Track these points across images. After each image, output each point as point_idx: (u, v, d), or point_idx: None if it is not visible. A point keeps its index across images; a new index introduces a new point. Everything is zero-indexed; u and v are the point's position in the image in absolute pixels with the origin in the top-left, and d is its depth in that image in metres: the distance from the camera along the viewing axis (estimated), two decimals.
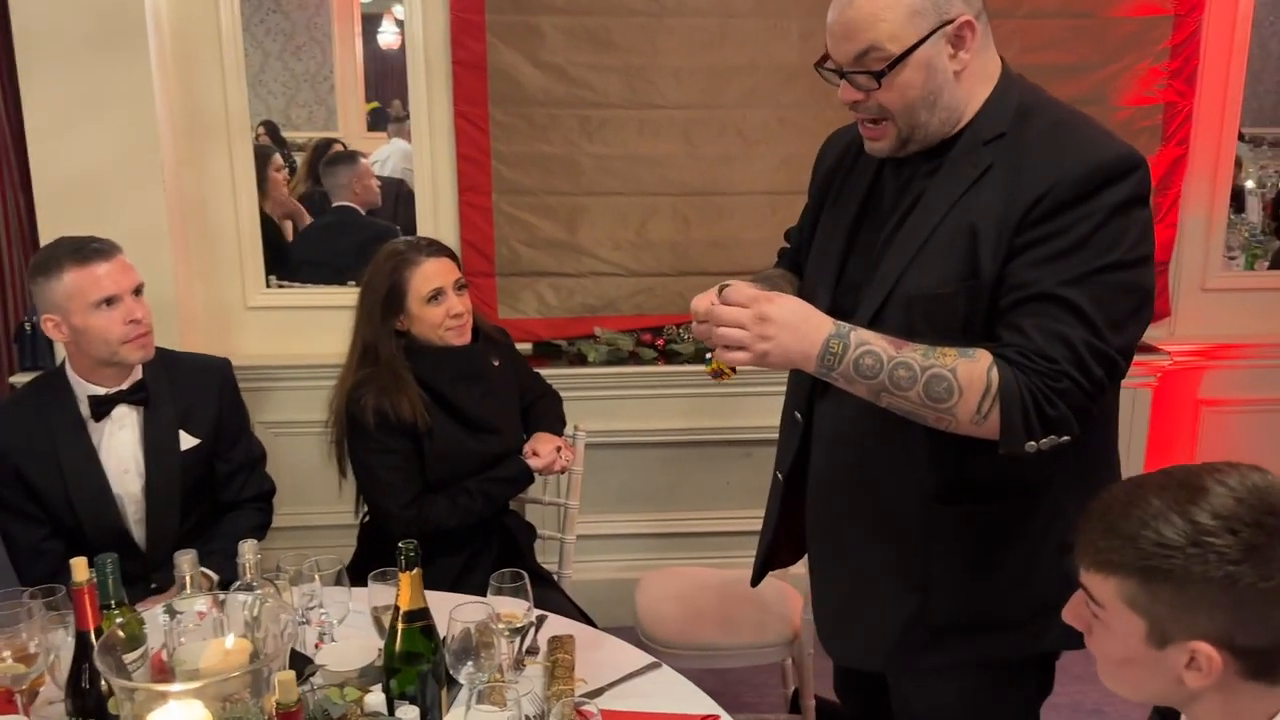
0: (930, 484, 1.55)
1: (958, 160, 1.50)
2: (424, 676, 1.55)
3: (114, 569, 1.54)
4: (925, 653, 1.63)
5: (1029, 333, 1.39)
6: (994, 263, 1.44)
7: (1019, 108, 1.50)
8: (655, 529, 3.36)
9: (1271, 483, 1.08)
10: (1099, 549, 1.12)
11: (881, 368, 1.41)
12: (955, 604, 1.59)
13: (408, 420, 2.23)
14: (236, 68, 3.06)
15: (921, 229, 1.50)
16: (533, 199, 3.19)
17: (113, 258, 2.16)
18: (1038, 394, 1.37)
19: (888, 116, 1.50)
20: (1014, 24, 3.15)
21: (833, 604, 1.70)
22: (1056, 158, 1.42)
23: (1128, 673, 1.15)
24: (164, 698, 1.25)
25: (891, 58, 1.44)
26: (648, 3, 3.08)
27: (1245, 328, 3.48)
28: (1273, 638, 1.06)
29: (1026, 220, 1.41)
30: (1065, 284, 1.39)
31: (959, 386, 1.39)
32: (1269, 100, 4.36)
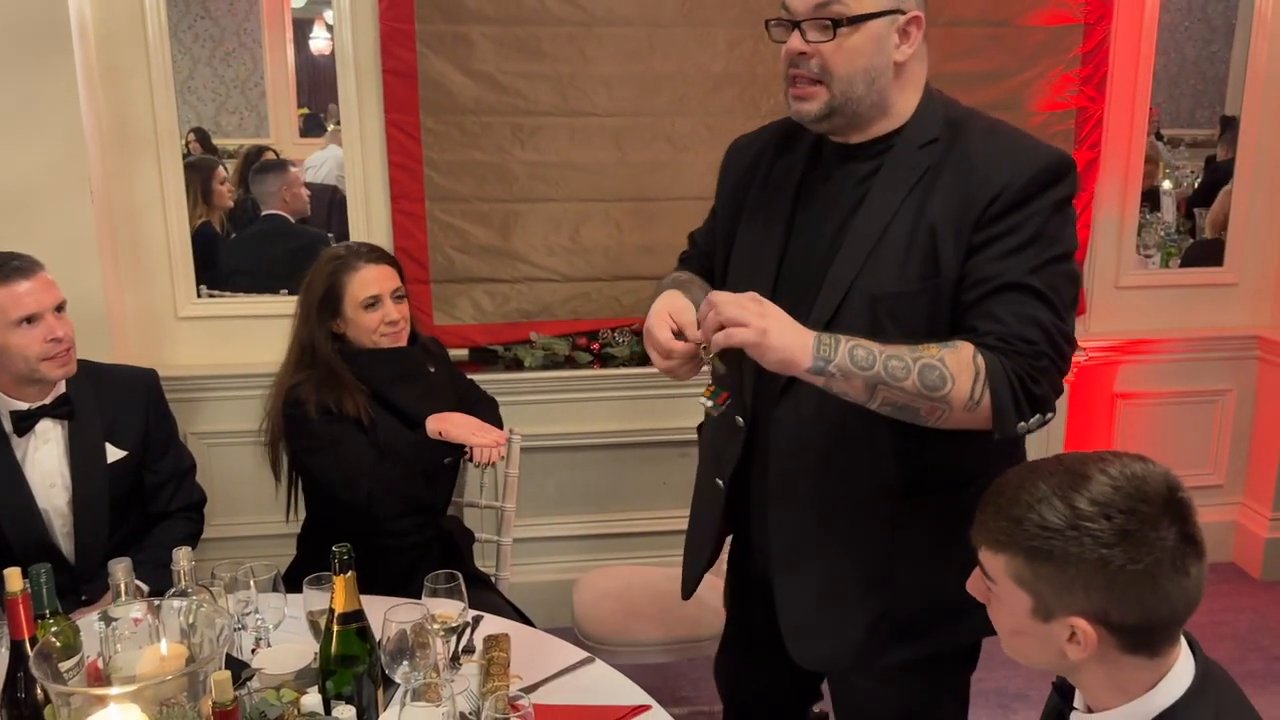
0: (893, 480, 1.60)
1: (897, 163, 1.57)
2: (360, 677, 1.58)
3: (48, 579, 1.55)
4: (890, 649, 1.67)
5: (1004, 319, 1.47)
6: (955, 260, 1.51)
7: (946, 117, 1.59)
8: (593, 530, 3.41)
9: (1150, 472, 1.16)
10: (990, 528, 1.21)
11: (875, 360, 1.44)
12: (917, 598, 1.64)
13: (351, 414, 2.25)
14: (164, 77, 3.05)
15: (872, 229, 1.55)
16: (466, 206, 3.22)
17: (34, 275, 2.13)
18: (1022, 375, 1.45)
19: (825, 80, 1.54)
20: (934, 32, 3.17)
21: (799, 610, 1.70)
22: (1004, 160, 1.52)
23: (1019, 643, 1.24)
24: (102, 702, 1.26)
25: (851, 14, 1.50)
26: (576, 12, 3.12)
27: (1158, 323, 3.62)
28: (1144, 615, 1.14)
29: (984, 218, 1.50)
30: (1030, 273, 1.48)
31: (950, 374, 1.44)
32: (1185, 103, 4.52)
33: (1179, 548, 1.13)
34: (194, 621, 1.52)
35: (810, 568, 1.67)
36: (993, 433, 1.49)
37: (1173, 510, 1.14)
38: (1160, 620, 1.15)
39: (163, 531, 2.33)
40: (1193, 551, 1.14)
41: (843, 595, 1.67)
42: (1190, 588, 1.15)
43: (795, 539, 1.68)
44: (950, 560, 1.53)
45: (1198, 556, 1.15)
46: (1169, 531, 1.13)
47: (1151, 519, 1.13)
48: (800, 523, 1.67)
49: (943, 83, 3.40)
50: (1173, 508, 1.14)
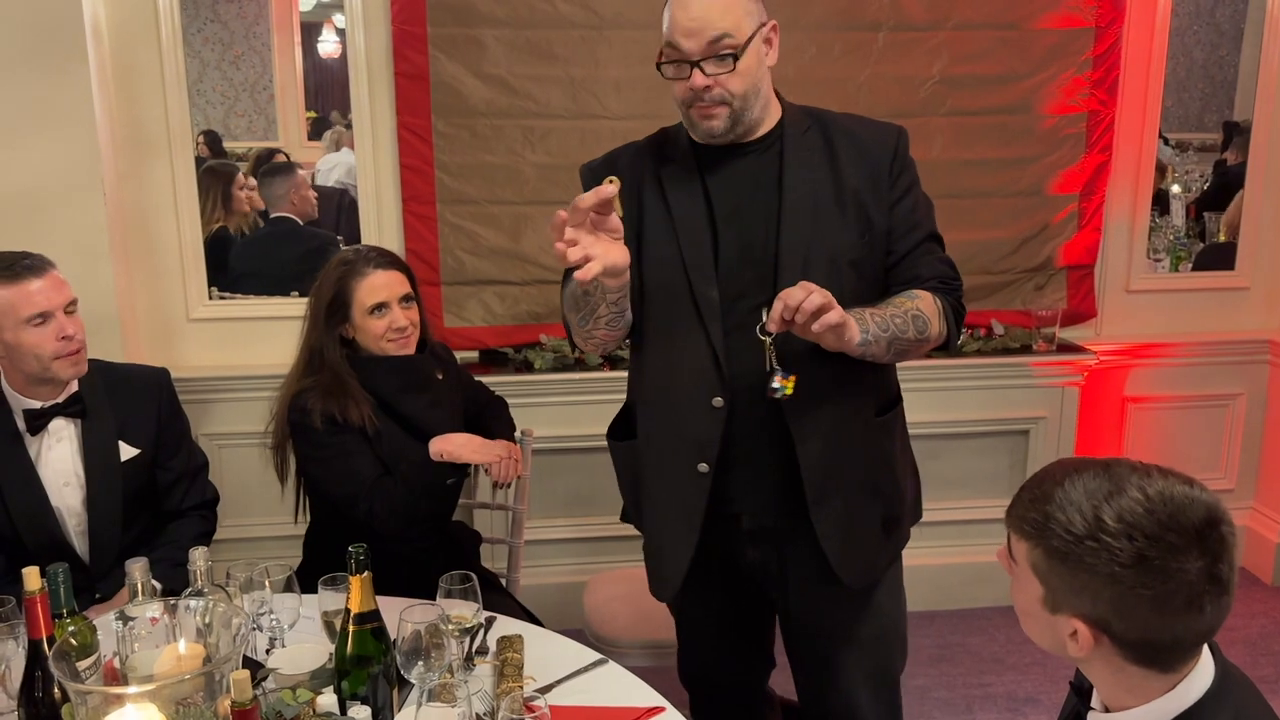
0: (871, 406, 1.91)
1: (795, 145, 1.83)
2: (375, 677, 1.59)
3: (65, 578, 1.56)
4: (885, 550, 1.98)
5: (935, 266, 1.86)
6: (879, 214, 1.83)
7: (804, 110, 1.88)
8: (603, 533, 3.40)
9: (1193, 499, 1.12)
10: (1020, 516, 1.21)
11: (887, 323, 1.75)
12: (896, 497, 1.97)
13: (355, 423, 2.24)
14: (177, 78, 3.07)
15: (804, 201, 1.80)
16: (477, 208, 3.23)
17: (45, 274, 2.14)
18: (955, 304, 1.87)
19: (727, 100, 1.74)
20: (943, 35, 3.25)
21: (838, 535, 1.88)
22: (877, 131, 1.87)
23: (1030, 623, 1.25)
24: (119, 701, 1.27)
25: (739, 45, 1.71)
26: (587, 15, 3.13)
27: (1168, 327, 3.62)
28: (1145, 635, 1.14)
29: (891, 176, 1.84)
30: (934, 223, 1.90)
31: (928, 318, 1.80)
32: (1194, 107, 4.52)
33: (1198, 584, 1.10)
34: (210, 621, 1.52)
35: (837, 494, 1.87)
36: (946, 347, 1.92)
37: (1204, 544, 1.10)
38: (1162, 642, 1.14)
39: (176, 530, 2.33)
40: (1214, 590, 1.11)
41: (863, 510, 1.91)
42: (1202, 622, 1.13)
43: (823, 471, 1.85)
44: (902, 461, 2.00)
45: (1218, 595, 1.12)
46: (1193, 565, 1.10)
47: (1176, 549, 1.10)
48: (822, 459, 1.85)
49: (953, 86, 3.43)
50: (1205, 542, 1.10)
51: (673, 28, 1.72)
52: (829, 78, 3.19)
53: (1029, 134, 3.37)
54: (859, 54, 3.22)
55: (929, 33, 3.24)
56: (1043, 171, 3.41)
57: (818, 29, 3.18)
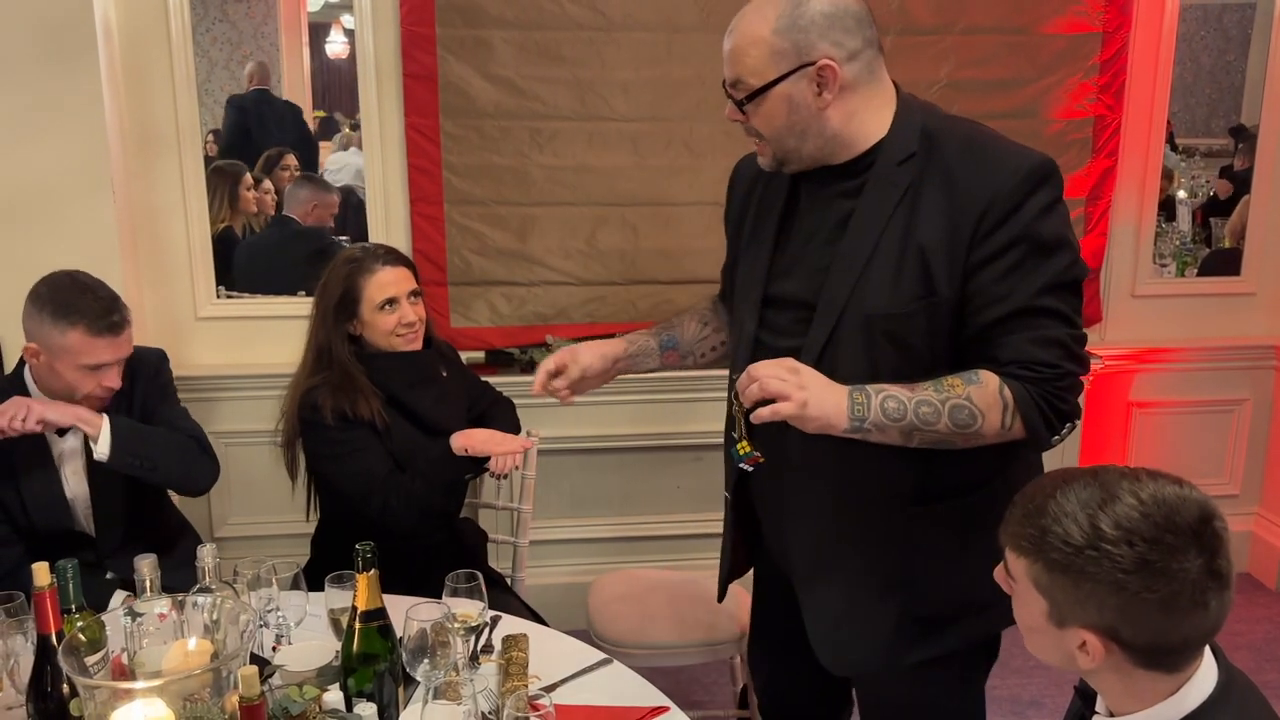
0: (905, 488, 1.64)
1: (878, 181, 1.59)
2: (381, 675, 1.59)
3: (74, 574, 1.56)
4: (914, 648, 1.71)
5: (1023, 347, 1.52)
6: (950, 280, 1.53)
7: (923, 130, 1.59)
8: (608, 533, 3.42)
9: (1184, 499, 1.14)
10: (1015, 533, 1.21)
11: (905, 409, 1.50)
12: (939, 596, 1.68)
13: (365, 418, 2.25)
14: (187, 78, 3.08)
15: (861, 250, 1.58)
16: (484, 209, 3.24)
17: (122, 332, 2.19)
18: (1050, 396, 1.52)
19: (761, 138, 1.64)
20: (950, 40, 3.25)
21: (825, 618, 1.75)
22: (986, 172, 1.52)
23: (1037, 640, 1.25)
24: (128, 696, 1.28)
25: (752, 90, 1.57)
26: (595, 17, 3.14)
27: (1174, 332, 3.62)
28: (1154, 639, 1.14)
29: (977, 235, 1.51)
30: (1038, 293, 1.51)
31: (979, 411, 1.50)
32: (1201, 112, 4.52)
33: (1200, 581, 1.11)
34: (218, 618, 1.53)
35: (832, 577, 1.72)
36: (1028, 449, 1.58)
37: (1201, 542, 1.12)
38: (1171, 644, 1.15)
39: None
40: (1216, 585, 1.13)
41: (865, 601, 1.70)
42: (1208, 619, 1.14)
43: (814, 551, 1.72)
44: (966, 559, 1.59)
45: (1220, 589, 1.13)
46: (1193, 564, 1.11)
47: (1175, 550, 1.11)
48: (818, 534, 1.71)
49: (960, 90, 3.43)
50: (1202, 539, 1.12)
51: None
52: None
53: (1035, 138, 3.36)
54: None
55: (936, 37, 3.25)
56: None
57: None
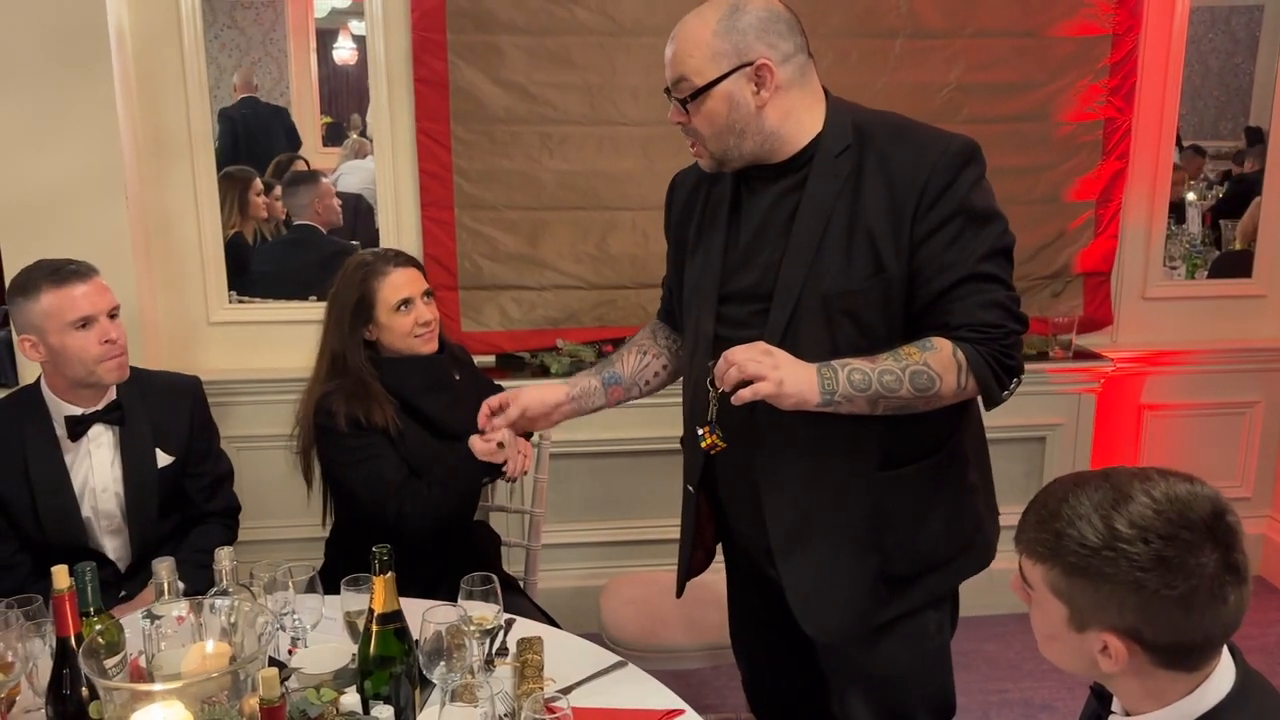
0: (873, 458, 1.74)
1: (820, 172, 1.69)
2: (397, 678, 1.60)
3: (93, 577, 1.57)
4: (885, 606, 1.81)
5: (970, 310, 1.64)
6: (897, 256, 1.65)
7: (854, 125, 1.71)
8: (619, 537, 3.42)
9: (1196, 495, 1.15)
10: (1030, 539, 1.21)
11: (870, 379, 1.60)
12: (905, 555, 1.79)
13: (379, 425, 2.26)
14: (199, 84, 3.10)
15: (811, 235, 1.68)
16: (495, 214, 3.25)
17: (90, 279, 2.19)
18: (997, 354, 1.64)
19: (698, 140, 1.72)
20: (960, 44, 3.26)
21: (804, 587, 1.81)
22: (919, 154, 1.65)
23: (1055, 647, 1.25)
24: (148, 698, 1.29)
25: (695, 89, 1.66)
26: (606, 23, 3.15)
27: (1185, 334, 3.61)
28: (1177, 637, 1.14)
29: (918, 212, 1.63)
30: (979, 260, 1.64)
31: (937, 375, 1.61)
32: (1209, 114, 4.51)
33: (1218, 575, 1.12)
34: (236, 621, 1.54)
35: (808, 547, 1.79)
36: (985, 405, 1.71)
37: (1215, 536, 1.13)
38: (1193, 641, 1.15)
39: (200, 535, 2.36)
40: (1233, 579, 1.13)
41: (841, 568, 1.79)
42: (1227, 613, 1.14)
43: (791, 523, 1.78)
44: (928, 519, 1.79)
45: (1238, 583, 1.14)
46: (1210, 558, 1.12)
47: (1192, 545, 1.12)
48: (792, 508, 1.78)
49: (970, 93, 3.43)
50: (1216, 534, 1.13)
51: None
52: (846, 85, 3.14)
53: (1046, 141, 3.37)
54: (876, 61, 3.23)
55: (946, 40, 3.25)
56: (1059, 179, 3.41)
57: (835, 36, 3.19)
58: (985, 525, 1.89)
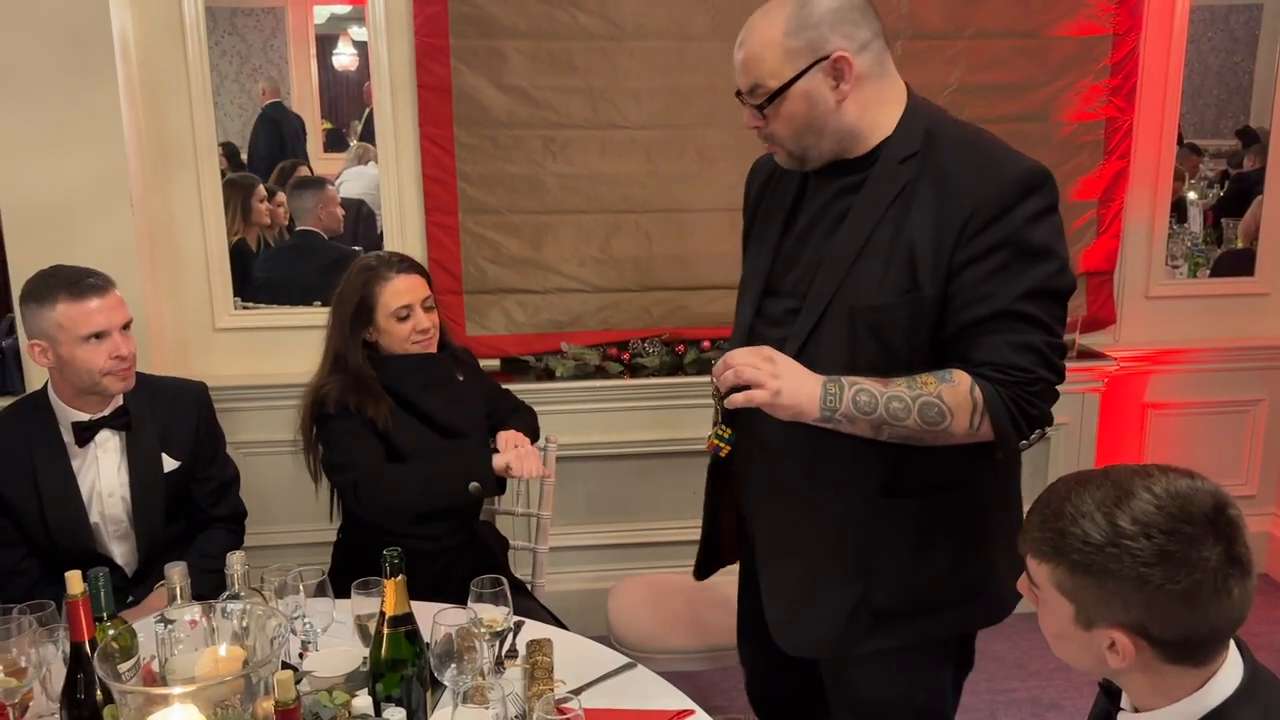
0: (876, 481, 1.66)
1: (878, 178, 1.62)
2: (409, 680, 1.60)
3: (106, 582, 1.58)
4: (868, 637, 1.73)
5: (998, 349, 1.54)
6: (934, 277, 1.56)
7: (927, 130, 1.63)
8: (624, 539, 3.42)
9: (1197, 490, 1.16)
10: (1035, 538, 1.23)
11: (877, 403, 1.53)
12: (896, 590, 1.70)
13: (369, 416, 2.29)
14: (203, 91, 3.11)
15: (853, 244, 1.61)
16: (498, 218, 3.26)
17: (106, 294, 2.20)
18: (1020, 400, 1.53)
19: (778, 143, 1.67)
20: (961, 44, 3.27)
21: (783, 598, 1.78)
22: (976, 175, 1.56)
23: (1063, 645, 1.26)
24: (163, 702, 1.29)
25: (772, 92, 1.60)
26: (607, 26, 3.16)
27: (1188, 333, 3.62)
28: (1183, 632, 1.15)
29: (963, 237, 1.54)
30: (1020, 298, 1.53)
31: (948, 410, 1.52)
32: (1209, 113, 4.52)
33: (1222, 568, 1.13)
34: (248, 625, 1.54)
35: (792, 558, 1.74)
36: (995, 452, 1.57)
37: (1218, 530, 1.13)
38: (1199, 636, 1.16)
39: (206, 540, 2.37)
40: (1237, 572, 1.14)
41: (821, 585, 1.73)
42: (1232, 606, 1.15)
43: (777, 529, 1.75)
44: (932, 557, 1.68)
45: (1242, 576, 1.14)
46: (1212, 552, 1.13)
47: (1194, 539, 1.13)
48: (782, 514, 1.74)
49: (971, 94, 3.44)
50: (1218, 527, 1.14)
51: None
52: None
53: (1047, 141, 3.38)
54: None
55: (947, 41, 3.26)
56: (1061, 179, 3.33)
57: None
58: (1000, 577, 1.71)
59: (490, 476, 2.28)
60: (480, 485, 2.28)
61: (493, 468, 2.30)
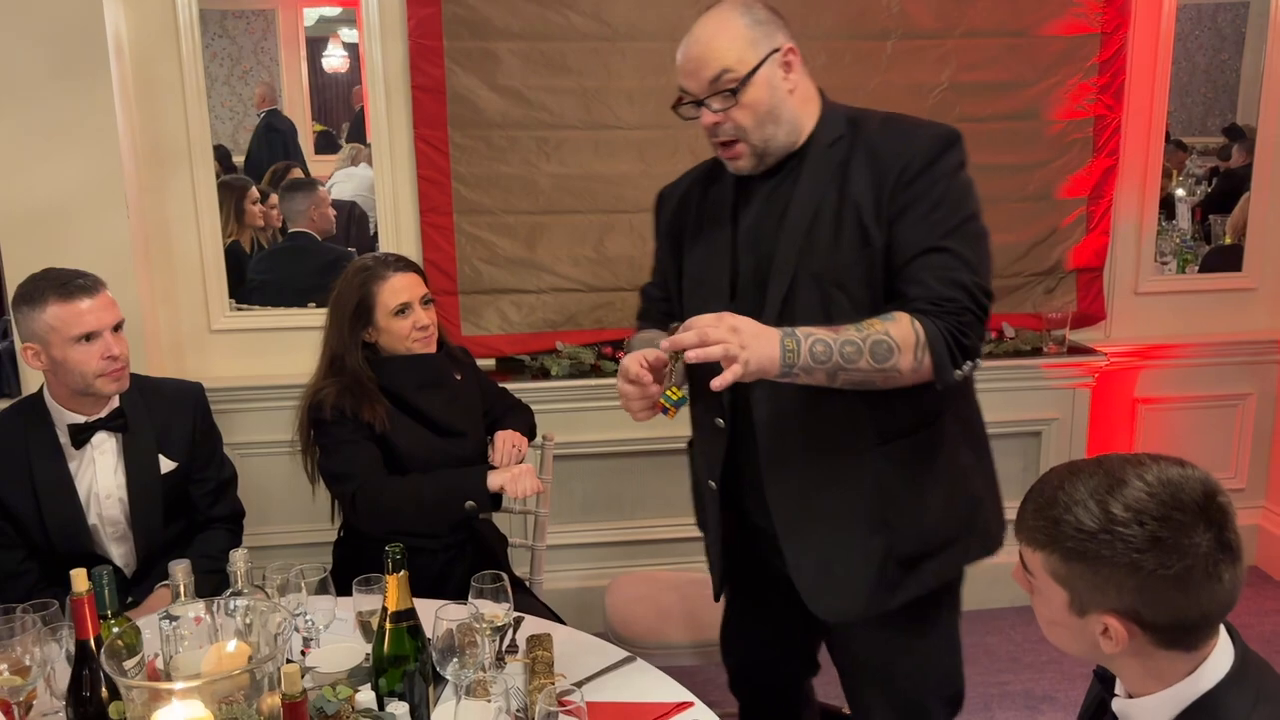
0: (869, 432, 1.77)
1: (812, 162, 1.77)
2: (411, 675, 1.62)
3: (110, 581, 1.59)
4: (898, 588, 1.81)
5: (929, 283, 1.66)
6: (880, 229, 1.70)
7: (848, 118, 1.79)
8: (620, 537, 3.44)
9: (1187, 478, 1.18)
10: (1029, 527, 1.25)
11: (831, 350, 1.60)
12: (912, 535, 1.80)
13: (366, 420, 2.29)
14: (197, 93, 3.12)
15: (804, 218, 1.74)
16: (493, 218, 3.27)
17: (96, 294, 2.20)
18: (953, 330, 1.64)
19: (742, 136, 1.74)
20: (951, 44, 3.29)
21: (811, 567, 1.83)
22: (902, 138, 1.73)
23: (1058, 632, 1.28)
24: (168, 697, 1.31)
25: (741, 77, 1.70)
26: (600, 27, 3.18)
27: (1177, 329, 3.65)
28: (1175, 616, 1.17)
29: (896, 188, 1.69)
30: (944, 236, 1.67)
31: (896, 345, 1.61)
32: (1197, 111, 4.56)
33: (1212, 554, 1.15)
34: (251, 621, 1.56)
35: (813, 529, 1.81)
36: (934, 384, 1.66)
37: (1208, 516, 1.16)
38: (1191, 620, 1.18)
39: (204, 541, 2.38)
40: (1227, 557, 1.16)
41: (847, 547, 1.80)
42: (1223, 591, 1.17)
43: (795, 506, 1.81)
44: (927, 496, 1.80)
45: (1232, 561, 1.17)
46: (1203, 538, 1.15)
47: (1185, 526, 1.15)
48: (796, 484, 1.81)
49: (961, 92, 3.46)
50: (1208, 514, 1.16)
51: (678, 69, 1.76)
52: (839, 86, 3.18)
53: (1037, 139, 3.41)
54: (869, 62, 3.27)
55: (938, 40, 3.29)
56: (1051, 176, 3.45)
57: (828, 38, 3.22)
58: (985, 509, 1.88)
59: (486, 496, 2.27)
60: (476, 505, 2.27)
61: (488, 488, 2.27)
